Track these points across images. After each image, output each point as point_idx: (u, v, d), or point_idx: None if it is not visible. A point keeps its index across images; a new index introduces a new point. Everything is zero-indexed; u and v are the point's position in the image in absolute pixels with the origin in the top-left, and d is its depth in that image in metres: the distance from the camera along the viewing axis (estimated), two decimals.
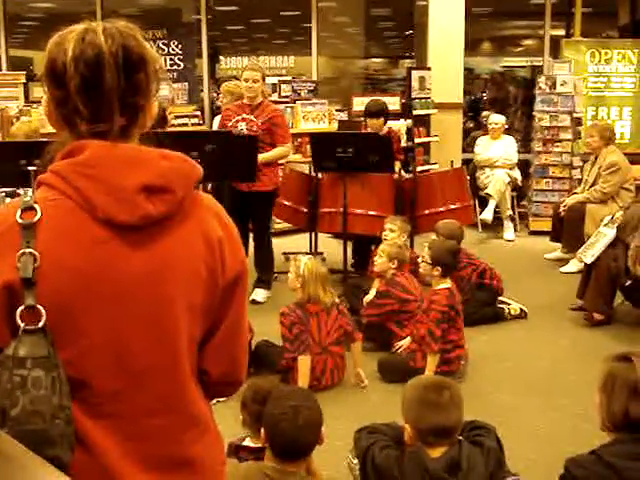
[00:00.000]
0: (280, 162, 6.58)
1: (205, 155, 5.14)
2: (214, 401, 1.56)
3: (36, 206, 1.30)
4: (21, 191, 3.67)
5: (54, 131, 1.41)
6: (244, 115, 6.00)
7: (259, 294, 6.11)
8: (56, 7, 12.08)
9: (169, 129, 6.39)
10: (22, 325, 1.27)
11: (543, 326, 5.64)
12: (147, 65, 1.36)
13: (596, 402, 2.63)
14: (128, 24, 1.37)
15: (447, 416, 2.67)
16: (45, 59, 1.34)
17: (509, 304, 5.82)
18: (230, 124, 6.02)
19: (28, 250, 1.27)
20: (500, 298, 5.86)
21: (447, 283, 4.68)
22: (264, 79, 6.12)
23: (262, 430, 2.67)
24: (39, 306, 1.27)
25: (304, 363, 4.40)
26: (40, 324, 1.27)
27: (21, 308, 1.27)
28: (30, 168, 4.52)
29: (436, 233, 5.65)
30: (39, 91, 8.22)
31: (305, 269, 4.51)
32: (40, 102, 8.08)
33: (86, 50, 1.30)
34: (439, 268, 4.65)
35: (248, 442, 2.97)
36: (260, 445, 2.81)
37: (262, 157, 5.89)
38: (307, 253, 6.15)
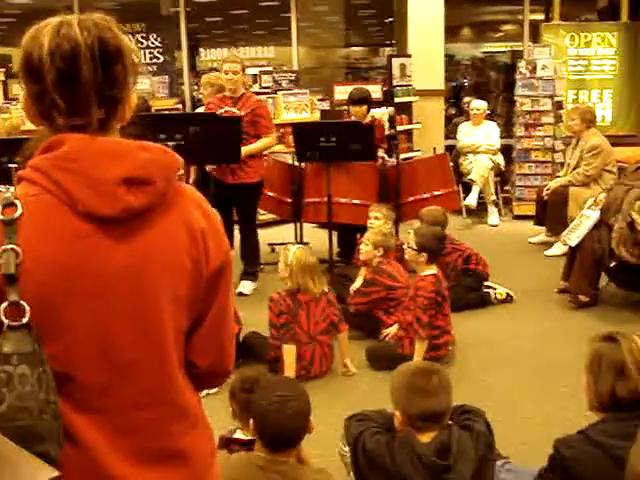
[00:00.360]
0: (264, 153, 6.57)
1: (189, 138, 5.14)
2: (204, 393, 1.56)
3: (17, 202, 1.30)
4: (3, 188, 3.63)
5: (35, 128, 1.41)
6: (227, 108, 5.98)
7: (245, 286, 6.11)
8: (33, 3, 11.95)
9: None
10: (6, 321, 1.26)
11: (529, 309, 5.67)
12: (124, 57, 1.35)
13: (583, 383, 2.65)
14: (104, 16, 1.36)
15: (436, 401, 2.69)
16: (21, 53, 1.33)
17: (495, 289, 5.85)
18: None
19: (10, 246, 1.27)
20: (486, 283, 5.89)
21: (433, 269, 4.69)
22: (244, 70, 6.11)
23: (251, 421, 2.68)
24: (23, 302, 1.27)
25: (289, 352, 4.41)
26: (24, 320, 1.27)
27: (5, 304, 1.26)
28: (11, 165, 4.49)
29: (420, 220, 5.66)
30: (18, 88, 8.14)
31: (293, 258, 4.51)
32: (19, 99, 8.01)
33: (62, 43, 1.29)
34: (424, 254, 4.66)
35: (239, 434, 2.98)
36: (251, 437, 2.81)
37: (247, 149, 5.87)
38: (298, 243, 6.15)
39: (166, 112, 8.01)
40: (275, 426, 2.59)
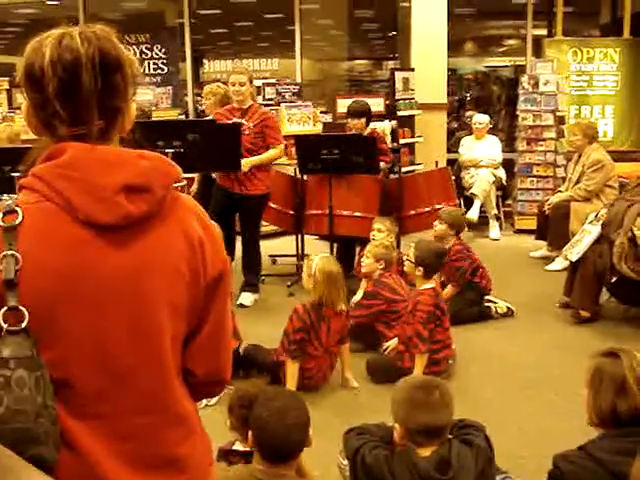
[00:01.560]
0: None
1: (188, 144, 5.14)
2: (203, 404, 1.55)
3: (18, 209, 1.31)
4: (6, 197, 3.65)
5: (35, 137, 1.42)
6: (235, 119, 5.99)
7: (246, 298, 6.08)
8: (39, 13, 12.02)
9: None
10: (5, 326, 1.27)
11: (530, 324, 5.66)
12: (123, 67, 1.37)
13: (584, 398, 2.65)
14: (104, 27, 1.38)
15: (437, 416, 2.68)
16: (23, 64, 1.35)
17: (496, 303, 5.84)
18: None
19: (10, 252, 1.28)
20: (487, 297, 5.88)
21: (432, 283, 4.69)
22: (251, 81, 6.11)
23: (250, 433, 2.67)
24: (22, 307, 1.28)
25: (292, 367, 4.36)
26: (23, 325, 1.28)
27: (4, 309, 1.27)
28: (14, 174, 4.51)
29: (439, 219, 5.77)
30: (22, 98, 8.19)
31: (317, 269, 4.37)
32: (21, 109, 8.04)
33: (63, 54, 1.31)
34: (421, 268, 4.65)
35: (237, 446, 2.96)
36: (249, 449, 2.80)
37: (254, 160, 5.89)
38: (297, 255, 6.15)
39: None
40: (274, 437, 2.58)
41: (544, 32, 10.78)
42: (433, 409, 2.68)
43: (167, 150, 4.90)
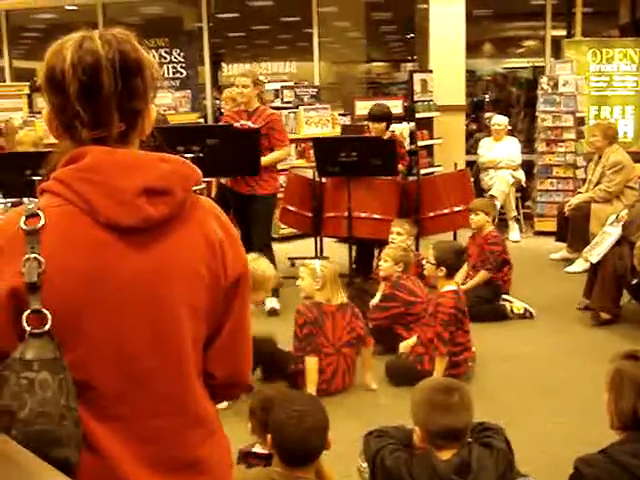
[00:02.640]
0: (281, 168, 6.58)
1: (207, 149, 5.15)
2: (224, 405, 1.56)
3: (40, 212, 1.32)
4: (27, 200, 3.68)
5: (56, 141, 1.43)
6: (242, 121, 6.03)
7: (274, 302, 6.02)
8: (58, 18, 12.12)
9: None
10: (28, 329, 1.28)
11: (550, 326, 5.63)
12: (143, 70, 1.38)
13: (605, 401, 2.63)
14: (124, 30, 1.39)
15: (456, 418, 2.67)
16: (44, 67, 1.36)
17: (512, 302, 5.82)
18: None
19: (33, 255, 1.29)
20: (503, 296, 5.87)
21: (453, 285, 4.67)
22: (256, 84, 6.08)
23: (269, 436, 2.67)
24: (44, 310, 1.29)
25: (311, 364, 4.39)
26: (46, 327, 1.29)
27: (27, 312, 1.28)
28: (35, 178, 4.55)
29: (473, 212, 6.01)
30: (42, 102, 8.29)
31: (325, 271, 4.54)
32: (42, 113, 8.12)
33: (84, 56, 1.32)
34: (443, 269, 4.64)
35: (257, 448, 2.96)
36: (269, 451, 2.81)
37: (262, 161, 5.90)
38: (313, 257, 6.15)
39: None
40: (292, 440, 2.58)
41: (563, 33, 10.73)
42: (453, 412, 2.67)
43: (186, 155, 4.92)
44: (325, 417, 2.67)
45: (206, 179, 6.21)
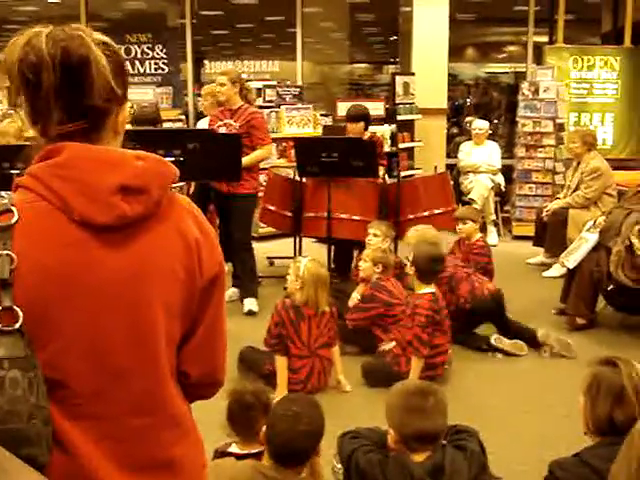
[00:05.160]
0: (262, 167, 6.56)
1: (188, 153, 5.11)
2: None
3: (13, 208, 1.30)
4: (4, 194, 3.63)
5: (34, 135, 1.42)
6: (225, 120, 6.02)
7: (252, 304, 6.00)
8: (40, 11, 12.01)
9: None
10: None
11: None
12: (89, 66, 1.33)
13: (579, 405, 2.64)
14: (79, 26, 1.37)
15: (431, 422, 2.67)
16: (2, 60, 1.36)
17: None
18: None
19: (5, 252, 1.27)
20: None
21: (431, 287, 4.68)
22: (235, 82, 6.03)
23: (264, 428, 2.70)
24: (16, 307, 1.27)
25: (281, 363, 4.42)
26: (17, 325, 1.27)
27: None
28: (12, 172, 4.50)
29: (460, 220, 6.01)
30: None
31: (305, 270, 4.46)
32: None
33: (29, 52, 1.31)
34: (413, 268, 4.67)
35: (234, 448, 2.96)
36: (247, 452, 2.81)
37: (243, 161, 5.88)
38: (291, 257, 6.14)
39: (167, 127, 7.97)
40: (281, 437, 2.60)
41: (545, 39, 10.80)
42: (428, 415, 2.67)
43: (167, 159, 4.87)
44: (322, 424, 2.70)
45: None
